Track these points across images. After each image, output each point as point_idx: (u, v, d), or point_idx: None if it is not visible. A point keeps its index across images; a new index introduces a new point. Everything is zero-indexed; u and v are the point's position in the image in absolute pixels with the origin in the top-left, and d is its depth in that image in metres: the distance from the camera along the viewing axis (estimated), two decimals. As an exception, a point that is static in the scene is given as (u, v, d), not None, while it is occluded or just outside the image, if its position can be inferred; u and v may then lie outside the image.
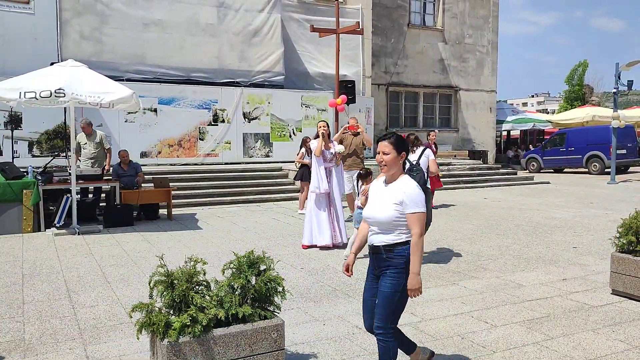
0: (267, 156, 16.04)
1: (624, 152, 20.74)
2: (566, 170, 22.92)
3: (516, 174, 19.02)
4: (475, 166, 18.60)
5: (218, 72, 15.76)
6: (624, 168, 21.95)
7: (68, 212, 8.83)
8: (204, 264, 3.22)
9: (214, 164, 14.87)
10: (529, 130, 28.22)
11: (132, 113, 13.57)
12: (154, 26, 14.92)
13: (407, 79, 21.81)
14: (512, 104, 40.62)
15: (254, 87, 16.02)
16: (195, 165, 14.66)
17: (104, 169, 10.09)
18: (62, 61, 10.77)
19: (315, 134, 7.95)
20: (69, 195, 8.83)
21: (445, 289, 5.60)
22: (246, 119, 15.73)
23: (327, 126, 7.80)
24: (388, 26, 21.05)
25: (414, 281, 3.08)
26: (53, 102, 8.20)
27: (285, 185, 13.80)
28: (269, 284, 3.25)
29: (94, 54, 14.03)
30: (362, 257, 5.07)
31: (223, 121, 15.38)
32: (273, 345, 3.14)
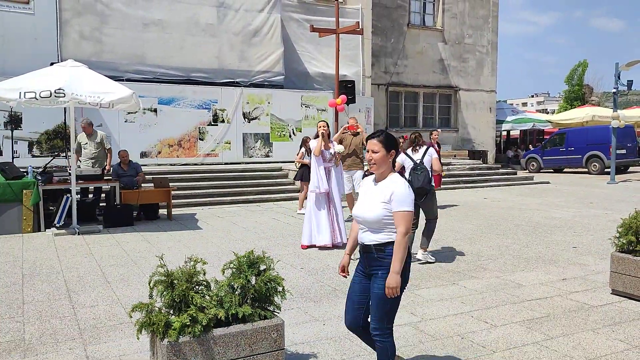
0: (267, 156, 16.04)
1: (623, 152, 20.75)
2: (566, 170, 22.93)
3: (516, 174, 19.03)
4: (475, 166, 18.61)
5: (218, 72, 15.76)
6: (623, 168, 21.96)
7: (68, 212, 8.83)
8: (204, 264, 3.22)
9: (213, 164, 14.87)
10: (528, 130, 28.22)
11: (132, 113, 13.57)
12: (154, 26, 14.92)
13: (407, 79, 21.82)
14: (512, 104, 40.65)
15: (253, 87, 16.02)
16: (195, 165, 14.66)
17: (104, 169, 10.09)
18: (62, 61, 10.77)
19: (315, 134, 7.95)
20: (69, 195, 8.83)
21: (445, 289, 5.60)
22: (246, 119, 15.73)
23: (327, 126, 7.81)
24: (388, 26, 21.06)
25: (392, 280, 3.04)
26: (53, 102, 8.20)
27: (285, 185, 13.81)
28: (269, 284, 3.24)
29: (93, 54, 14.03)
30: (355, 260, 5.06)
31: (223, 121, 15.39)
32: (273, 345, 3.14)
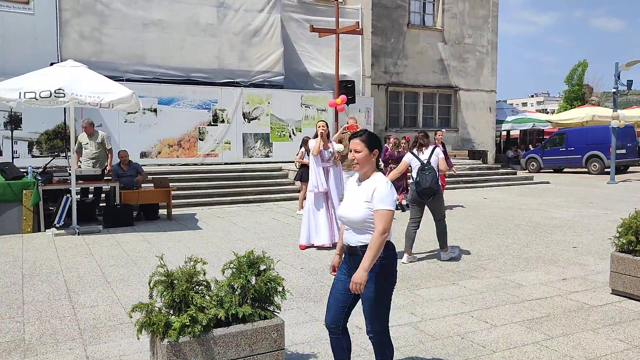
0: (267, 156, 16.04)
1: (623, 152, 20.76)
2: (566, 170, 22.93)
3: (516, 173, 19.03)
4: (475, 166, 18.62)
5: (218, 72, 15.76)
6: (623, 168, 21.97)
7: (68, 213, 8.83)
8: (203, 264, 3.22)
9: (213, 164, 14.87)
10: (528, 130, 28.21)
11: (132, 113, 13.58)
12: (154, 26, 14.92)
13: (407, 79, 21.82)
14: (512, 104, 40.67)
15: (253, 87, 16.02)
16: (195, 165, 14.66)
17: (104, 169, 10.08)
18: (61, 61, 10.77)
19: (315, 134, 7.95)
20: (68, 195, 8.83)
21: (445, 288, 5.60)
22: (246, 119, 15.73)
23: (327, 126, 7.81)
24: (388, 26, 21.05)
25: (358, 276, 2.96)
26: (53, 103, 8.19)
27: (285, 185, 13.81)
28: (269, 284, 3.24)
29: (93, 54, 14.03)
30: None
31: (223, 121, 15.39)
32: (273, 345, 3.14)
